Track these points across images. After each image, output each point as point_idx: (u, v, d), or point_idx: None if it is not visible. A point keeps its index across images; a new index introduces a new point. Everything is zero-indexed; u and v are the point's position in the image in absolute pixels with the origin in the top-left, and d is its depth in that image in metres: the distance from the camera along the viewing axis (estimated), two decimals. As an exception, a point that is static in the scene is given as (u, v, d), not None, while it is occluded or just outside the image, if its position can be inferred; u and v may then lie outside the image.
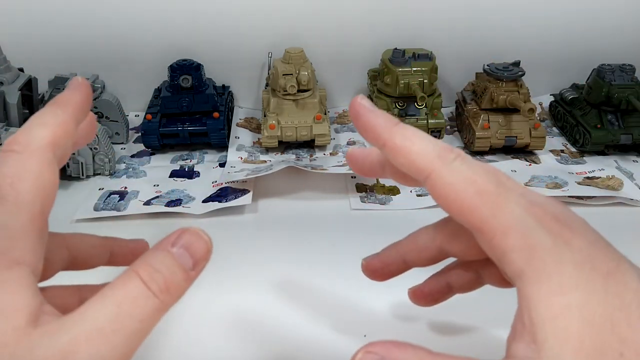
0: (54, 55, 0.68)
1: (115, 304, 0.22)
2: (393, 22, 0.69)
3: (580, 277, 0.22)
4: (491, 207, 0.23)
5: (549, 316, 0.21)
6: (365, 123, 0.26)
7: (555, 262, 0.22)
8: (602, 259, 0.22)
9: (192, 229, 0.24)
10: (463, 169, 0.24)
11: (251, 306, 0.41)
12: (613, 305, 0.21)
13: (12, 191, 0.22)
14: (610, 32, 0.71)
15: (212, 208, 0.52)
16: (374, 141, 0.26)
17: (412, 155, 0.25)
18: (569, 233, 0.23)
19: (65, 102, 0.25)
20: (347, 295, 0.43)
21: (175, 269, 0.23)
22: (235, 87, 0.72)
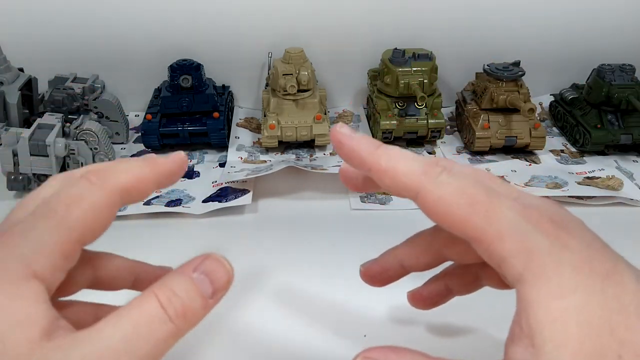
0: (54, 55, 0.68)
1: (130, 324, 0.22)
2: (393, 22, 0.69)
3: (579, 280, 0.22)
4: (484, 216, 0.23)
5: (548, 320, 0.21)
6: (349, 150, 0.26)
7: (554, 265, 0.22)
8: (599, 260, 0.22)
9: (215, 255, 0.25)
10: (451, 181, 0.24)
11: (251, 306, 0.41)
12: (611, 308, 0.21)
13: (65, 211, 0.23)
14: (610, 32, 0.71)
15: (212, 208, 0.52)
16: (360, 167, 0.26)
17: (399, 176, 0.24)
18: (565, 235, 0.23)
19: (157, 164, 0.26)
20: (347, 295, 0.43)
21: (194, 295, 0.23)
22: (235, 87, 0.72)
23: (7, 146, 0.53)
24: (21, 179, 0.54)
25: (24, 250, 0.23)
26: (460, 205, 0.23)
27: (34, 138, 0.53)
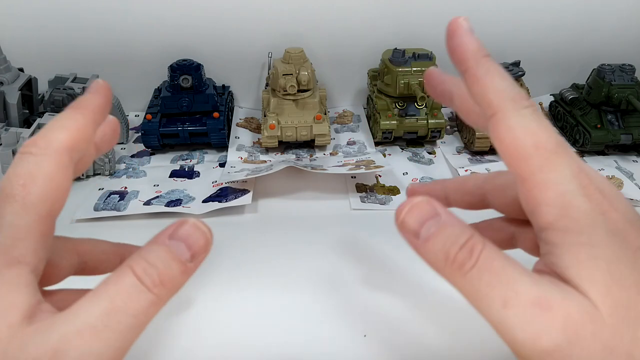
0: (54, 55, 0.68)
1: (107, 299, 0.21)
2: (393, 22, 0.69)
3: (611, 243, 0.22)
4: (542, 161, 0.23)
5: (577, 262, 0.21)
6: (458, 44, 0.26)
7: (588, 224, 0.22)
8: (635, 236, 0.22)
9: (191, 220, 0.24)
10: (531, 119, 0.23)
11: (251, 305, 0.41)
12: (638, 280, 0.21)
13: (23, 191, 0.23)
14: (610, 32, 0.71)
15: (212, 208, 0.52)
16: (459, 63, 0.26)
17: (488, 90, 0.24)
18: (607, 205, 0.23)
19: (85, 106, 0.25)
20: (347, 294, 0.43)
21: (170, 262, 0.23)
22: (235, 87, 0.72)
23: (7, 146, 0.53)
24: (21, 179, 0.53)
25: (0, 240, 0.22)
26: (526, 142, 0.23)
27: (34, 138, 0.53)
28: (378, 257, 0.47)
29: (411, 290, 0.43)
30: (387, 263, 0.46)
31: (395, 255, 0.47)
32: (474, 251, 0.22)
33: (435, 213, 0.23)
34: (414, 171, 0.60)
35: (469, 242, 0.22)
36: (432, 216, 0.23)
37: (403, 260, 0.46)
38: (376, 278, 0.45)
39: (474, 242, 0.22)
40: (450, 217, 0.23)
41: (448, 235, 0.23)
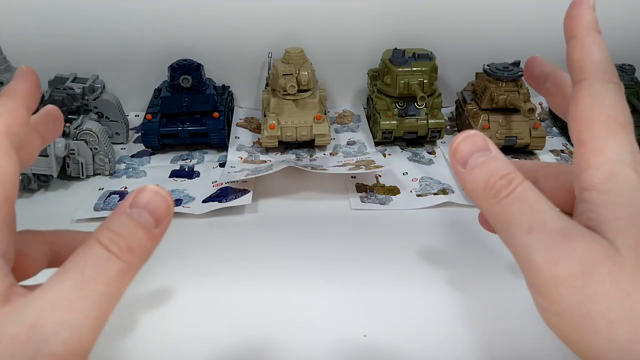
0: (54, 55, 0.68)
1: (77, 271, 0.22)
2: (393, 22, 0.69)
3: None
4: (607, 130, 0.23)
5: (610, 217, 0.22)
6: (578, 14, 0.28)
7: (631, 193, 0.22)
8: None
9: (149, 186, 0.24)
10: (613, 93, 0.24)
11: (251, 305, 0.41)
12: None
13: None
14: (610, 32, 0.71)
15: (212, 208, 0.52)
16: (570, 29, 0.28)
17: (587, 57, 0.26)
18: None
19: (12, 92, 0.25)
20: (347, 294, 0.43)
21: (135, 230, 0.23)
22: (235, 87, 0.72)
23: (7, 146, 0.53)
24: (21, 179, 0.54)
25: None
26: (601, 110, 0.24)
27: (34, 138, 0.53)
28: (378, 257, 0.47)
29: (411, 290, 0.43)
30: (387, 263, 0.46)
31: (396, 256, 0.47)
32: (512, 182, 0.23)
33: (486, 147, 0.24)
34: (414, 171, 0.60)
35: (510, 175, 0.23)
36: (483, 149, 0.24)
37: (403, 260, 0.46)
38: (376, 278, 0.45)
39: (515, 176, 0.23)
40: (499, 154, 0.24)
41: (493, 166, 0.24)
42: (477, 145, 0.24)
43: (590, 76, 0.25)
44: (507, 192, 0.23)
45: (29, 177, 0.54)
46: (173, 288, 0.43)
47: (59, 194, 0.56)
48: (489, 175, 0.23)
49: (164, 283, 0.43)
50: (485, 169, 0.24)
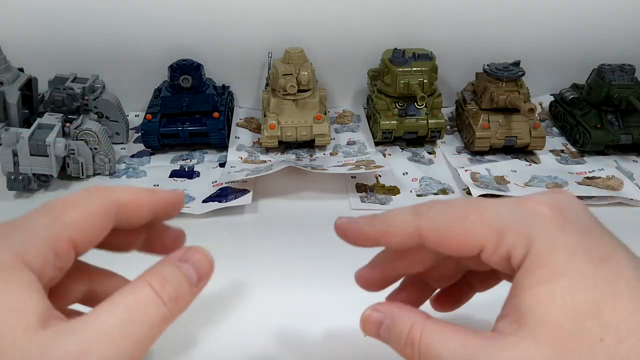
0: (54, 56, 0.68)
1: (125, 310, 0.23)
2: (393, 22, 0.69)
3: (570, 264, 0.22)
4: (481, 220, 0.24)
5: (533, 301, 0.22)
6: (354, 233, 0.28)
7: (548, 250, 0.23)
8: (596, 245, 0.23)
9: (197, 247, 0.26)
10: (441, 209, 0.26)
11: (251, 305, 0.41)
12: (602, 292, 0.22)
13: (60, 211, 0.24)
14: (610, 32, 0.71)
15: (212, 208, 0.52)
16: (367, 242, 0.28)
17: (398, 230, 0.26)
18: (562, 219, 0.24)
19: (155, 191, 0.28)
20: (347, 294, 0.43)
21: (183, 282, 0.24)
22: (235, 87, 0.72)
23: (7, 146, 0.53)
24: (21, 179, 0.54)
25: (16, 241, 0.23)
26: (456, 223, 0.25)
27: (34, 138, 0.53)
28: (378, 257, 0.47)
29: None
30: (387, 263, 0.46)
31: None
32: (414, 344, 0.24)
33: (381, 318, 0.26)
34: (414, 171, 0.60)
35: (409, 338, 0.25)
36: (381, 322, 0.26)
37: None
38: (376, 278, 0.45)
39: (412, 336, 0.25)
40: (393, 314, 0.26)
41: (396, 336, 0.25)
42: (375, 323, 0.27)
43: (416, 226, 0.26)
44: (417, 356, 0.24)
45: (29, 177, 0.54)
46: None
47: (59, 194, 0.56)
48: (399, 346, 0.25)
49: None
50: (393, 342, 0.26)
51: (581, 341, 0.21)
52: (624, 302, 0.21)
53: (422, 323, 0.25)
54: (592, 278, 0.22)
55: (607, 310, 0.21)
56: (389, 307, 0.27)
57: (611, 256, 0.23)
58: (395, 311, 0.26)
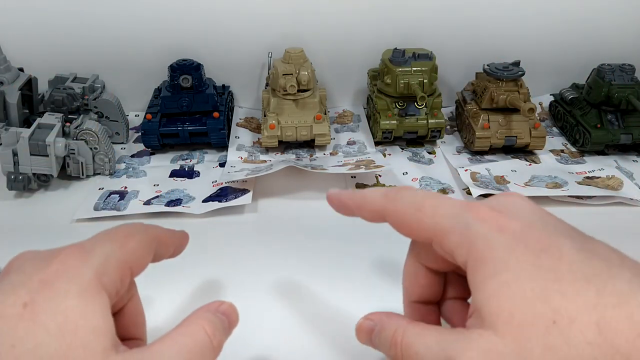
0: (54, 55, 0.68)
1: (186, 350, 0.25)
2: (393, 22, 0.69)
3: (511, 258, 0.24)
4: (432, 216, 0.27)
5: (485, 297, 0.24)
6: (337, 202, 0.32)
7: (489, 248, 0.25)
8: (536, 238, 0.25)
9: (227, 302, 0.30)
10: (406, 196, 0.29)
11: (251, 305, 0.41)
12: (545, 279, 0.23)
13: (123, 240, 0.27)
14: (610, 32, 0.71)
15: (212, 208, 0.52)
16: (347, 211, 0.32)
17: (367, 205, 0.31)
18: (502, 218, 0.26)
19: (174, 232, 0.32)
20: (347, 294, 0.43)
21: (223, 329, 0.28)
22: (235, 87, 0.72)
23: (7, 146, 0.53)
24: (21, 178, 0.54)
25: (94, 263, 0.25)
26: (412, 212, 0.28)
27: (34, 138, 0.53)
28: (378, 256, 0.47)
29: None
30: (387, 263, 0.46)
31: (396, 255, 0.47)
32: (397, 345, 0.27)
33: (372, 326, 0.30)
34: (414, 171, 0.60)
35: (392, 339, 0.27)
36: (372, 329, 0.29)
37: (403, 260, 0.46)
38: (376, 278, 0.45)
39: (395, 337, 0.27)
40: (382, 321, 0.29)
41: (384, 340, 0.28)
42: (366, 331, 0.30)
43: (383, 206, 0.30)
44: (400, 355, 0.27)
45: (29, 177, 0.54)
46: (172, 287, 0.43)
47: (59, 194, 0.56)
48: (385, 349, 0.28)
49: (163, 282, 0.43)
50: (382, 347, 0.29)
51: (535, 326, 0.23)
52: (568, 286, 0.23)
53: (405, 327, 0.27)
54: (534, 267, 0.24)
55: (554, 295, 0.23)
56: (379, 315, 0.30)
57: (552, 245, 0.24)
58: (383, 318, 0.29)
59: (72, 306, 0.23)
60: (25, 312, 0.23)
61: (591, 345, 0.22)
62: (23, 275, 0.25)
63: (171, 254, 0.31)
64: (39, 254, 0.26)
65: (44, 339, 0.23)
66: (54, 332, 0.23)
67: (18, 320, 0.23)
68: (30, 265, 0.25)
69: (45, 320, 0.23)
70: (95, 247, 0.26)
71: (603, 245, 0.25)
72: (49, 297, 0.24)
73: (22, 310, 0.23)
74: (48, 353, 0.22)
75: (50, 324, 0.23)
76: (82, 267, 0.25)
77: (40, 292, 0.24)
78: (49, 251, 0.26)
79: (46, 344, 0.23)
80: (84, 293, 0.24)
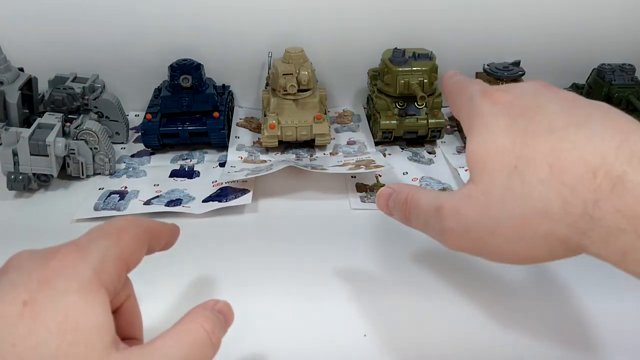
0: (54, 55, 0.68)
1: (187, 346, 0.26)
2: (393, 22, 0.69)
3: (493, 123, 0.29)
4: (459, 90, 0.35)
5: (468, 153, 0.30)
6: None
7: (479, 117, 0.30)
8: (520, 104, 0.29)
9: (222, 301, 0.30)
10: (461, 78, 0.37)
11: (251, 306, 0.41)
12: (516, 135, 0.28)
13: (117, 235, 0.27)
14: (610, 32, 0.71)
15: (212, 208, 0.52)
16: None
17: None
18: (500, 94, 0.31)
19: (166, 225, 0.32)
20: (347, 294, 0.43)
21: (221, 327, 0.28)
22: (235, 87, 0.72)
23: (7, 146, 0.53)
24: (21, 178, 0.54)
25: (93, 260, 0.25)
26: (454, 92, 0.36)
27: (34, 138, 0.53)
28: (378, 256, 0.47)
29: (411, 290, 0.43)
30: (387, 263, 0.46)
31: (396, 255, 0.47)
32: (406, 203, 0.33)
33: (390, 192, 0.35)
34: (414, 171, 0.60)
35: (404, 199, 0.33)
36: (389, 195, 0.35)
37: (403, 260, 0.46)
38: (376, 277, 0.45)
39: (406, 197, 0.33)
40: (399, 188, 0.35)
41: (397, 202, 0.34)
42: (385, 196, 0.35)
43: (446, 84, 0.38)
44: (408, 212, 0.33)
45: (29, 177, 0.54)
46: (172, 287, 0.43)
47: (59, 194, 0.56)
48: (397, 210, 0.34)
49: (163, 282, 0.43)
50: (395, 208, 0.35)
51: (499, 171, 0.28)
52: (532, 138, 0.27)
53: (415, 190, 0.33)
54: (509, 128, 0.28)
55: (520, 146, 0.27)
56: (397, 185, 0.35)
57: (532, 108, 0.29)
58: (401, 186, 0.35)
59: (72, 304, 0.24)
60: (26, 311, 0.23)
61: (542, 182, 0.26)
62: (22, 274, 0.25)
63: (163, 246, 0.31)
64: (36, 253, 0.26)
65: (45, 338, 0.23)
66: (54, 331, 0.23)
67: (18, 319, 0.23)
68: (29, 263, 0.25)
69: (45, 318, 0.23)
70: (91, 244, 0.26)
71: (589, 103, 0.28)
72: (49, 295, 0.24)
73: (22, 308, 0.23)
74: (49, 352, 0.22)
75: (50, 322, 0.23)
76: (81, 265, 0.25)
77: (39, 290, 0.24)
78: (47, 250, 0.26)
79: (47, 342, 0.23)
80: (83, 290, 0.24)
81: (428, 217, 0.31)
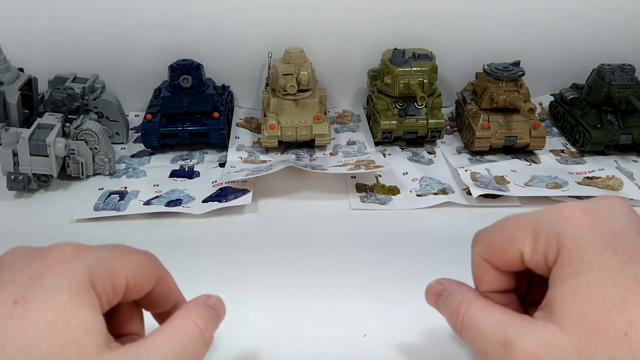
0: (54, 55, 0.68)
1: (179, 343, 0.26)
2: (393, 22, 0.69)
3: (598, 260, 0.24)
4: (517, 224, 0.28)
5: (562, 294, 0.24)
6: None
7: (576, 248, 0.25)
8: (626, 245, 0.24)
9: (214, 295, 0.31)
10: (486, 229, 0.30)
11: (251, 306, 0.41)
12: (627, 288, 0.23)
13: (124, 252, 0.27)
14: (610, 32, 0.71)
15: (212, 208, 0.52)
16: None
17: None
18: (593, 221, 0.25)
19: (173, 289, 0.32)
20: (347, 294, 0.43)
21: (213, 323, 0.29)
22: (235, 87, 0.72)
23: (7, 146, 0.53)
24: (21, 179, 0.54)
25: (88, 262, 0.25)
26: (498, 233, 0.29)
27: (34, 138, 0.53)
28: (378, 257, 0.47)
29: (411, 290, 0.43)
30: (387, 263, 0.46)
31: (396, 255, 0.47)
32: (459, 314, 0.28)
33: (441, 290, 0.31)
34: (414, 171, 0.60)
35: (457, 308, 0.29)
36: (441, 292, 0.31)
37: (403, 260, 0.46)
38: (376, 278, 0.45)
39: (459, 307, 0.28)
40: (452, 288, 0.30)
41: (449, 306, 0.29)
42: (435, 293, 0.31)
43: None
44: (459, 326, 0.28)
45: (29, 177, 0.54)
46: (173, 288, 0.43)
47: (59, 194, 0.56)
48: (448, 315, 0.29)
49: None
50: (445, 310, 0.30)
51: (605, 333, 0.22)
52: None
53: (471, 298, 0.28)
54: (620, 274, 0.23)
55: (633, 307, 0.22)
56: (450, 282, 0.31)
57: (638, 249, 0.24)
58: (454, 285, 0.30)
59: (62, 302, 0.23)
60: (16, 310, 0.23)
61: None
62: (13, 272, 0.24)
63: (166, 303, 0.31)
64: (30, 250, 0.26)
65: (36, 338, 0.22)
66: (45, 331, 0.23)
67: (8, 318, 0.23)
68: (21, 261, 0.25)
69: (36, 318, 0.23)
70: (94, 249, 0.26)
71: None
72: (39, 293, 0.23)
73: (13, 308, 0.23)
74: (40, 352, 0.22)
75: (41, 322, 0.23)
76: (74, 263, 0.25)
77: (30, 288, 0.23)
78: (42, 247, 0.26)
79: (38, 343, 0.22)
80: (74, 289, 0.24)
81: (491, 349, 0.26)
